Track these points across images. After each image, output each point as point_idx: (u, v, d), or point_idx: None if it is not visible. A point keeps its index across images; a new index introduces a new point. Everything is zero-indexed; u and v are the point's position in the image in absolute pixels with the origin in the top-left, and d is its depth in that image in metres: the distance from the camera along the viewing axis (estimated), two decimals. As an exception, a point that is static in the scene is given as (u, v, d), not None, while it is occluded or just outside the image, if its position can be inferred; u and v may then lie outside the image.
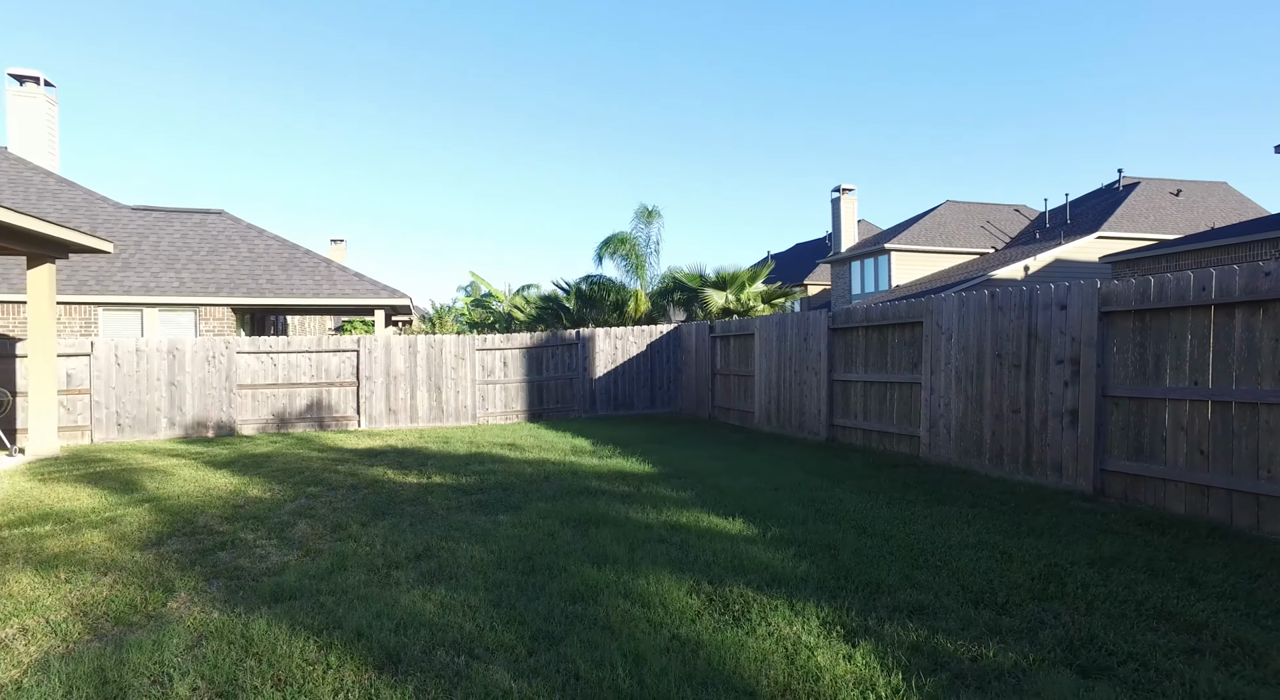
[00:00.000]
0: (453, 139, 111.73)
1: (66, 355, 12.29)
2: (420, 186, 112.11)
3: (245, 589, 4.26)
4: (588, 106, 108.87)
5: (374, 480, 7.89)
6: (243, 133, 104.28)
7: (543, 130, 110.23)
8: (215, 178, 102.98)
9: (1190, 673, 2.87)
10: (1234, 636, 3.20)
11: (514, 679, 2.92)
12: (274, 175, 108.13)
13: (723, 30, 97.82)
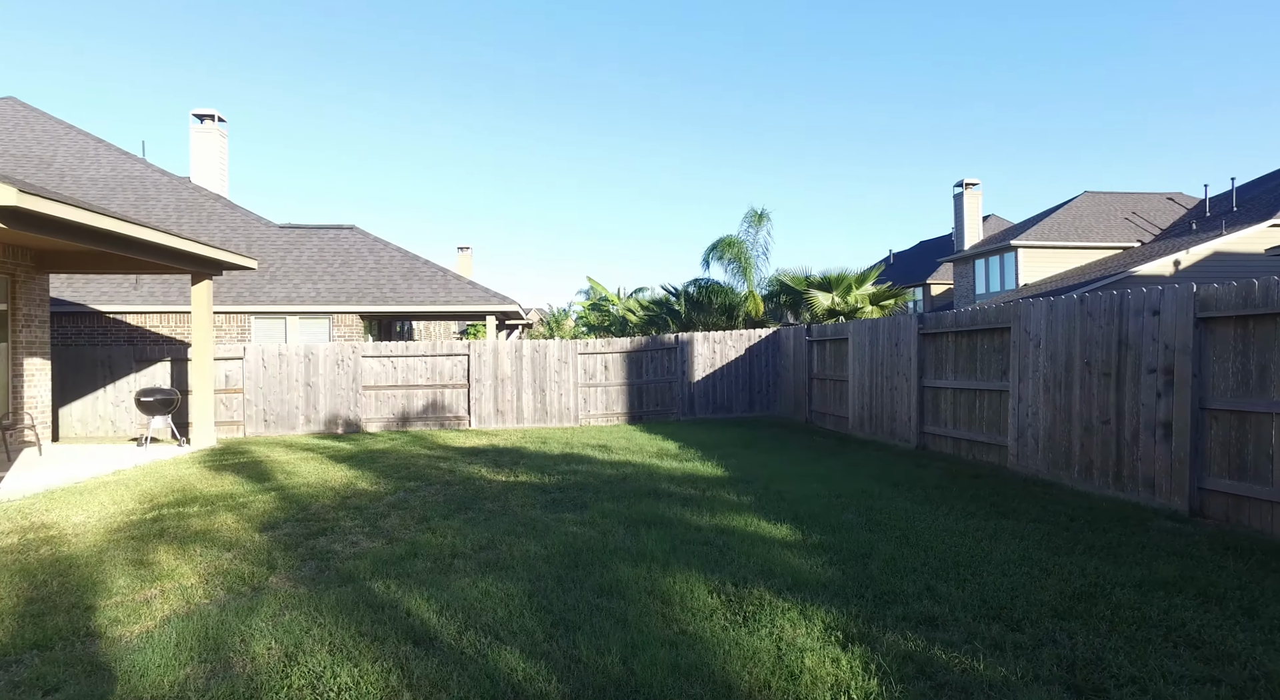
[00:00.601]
0: (572, 143, 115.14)
1: (223, 359, 13.97)
2: (542, 192, 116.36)
3: (330, 570, 4.87)
4: (703, 106, 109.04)
5: (467, 477, 8.55)
6: (381, 146, 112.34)
7: (659, 131, 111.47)
8: (357, 189, 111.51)
9: (1178, 693, 2.80)
10: (1265, 670, 3.05)
11: (523, 659, 3.28)
12: (409, 186, 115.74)
13: (843, 25, 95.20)
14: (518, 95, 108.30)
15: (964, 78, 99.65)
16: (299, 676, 3.20)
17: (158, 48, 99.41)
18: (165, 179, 20.83)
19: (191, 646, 3.58)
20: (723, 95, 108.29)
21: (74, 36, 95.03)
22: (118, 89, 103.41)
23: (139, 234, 9.35)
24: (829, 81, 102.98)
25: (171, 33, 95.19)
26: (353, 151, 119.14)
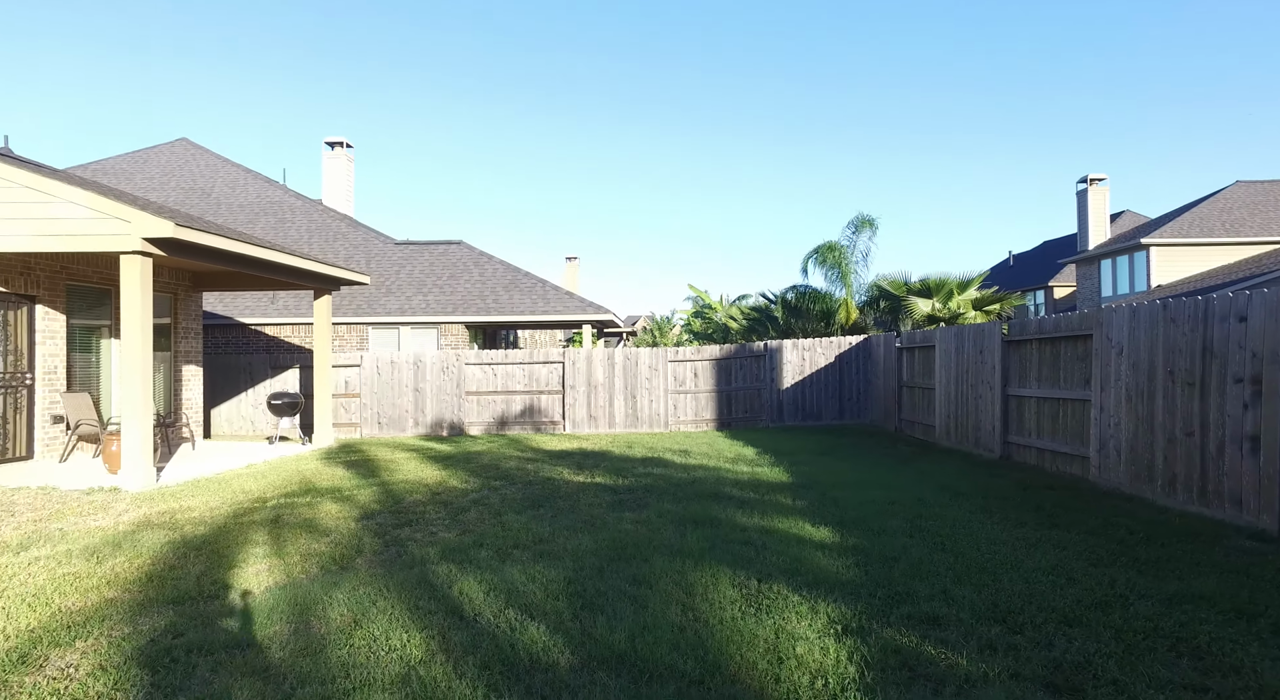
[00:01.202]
0: (675, 146, 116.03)
1: (342, 366, 15.37)
2: (649, 200, 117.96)
3: (406, 555, 5.51)
4: (807, 105, 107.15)
5: (548, 478, 9.14)
6: (496, 161, 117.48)
7: (763, 132, 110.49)
8: (473, 203, 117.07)
9: (1158, 698, 2.86)
10: (1262, 683, 3.03)
11: (545, 633, 3.71)
12: (522, 198, 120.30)
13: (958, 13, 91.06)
14: (622, 104, 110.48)
15: (1097, 67, 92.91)
16: (360, 638, 3.77)
17: (298, 83, 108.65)
18: (300, 203, 22.97)
19: (283, 610, 4.25)
20: (827, 93, 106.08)
21: (232, 78, 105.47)
22: (266, 121, 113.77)
23: (268, 256, 10.60)
24: (949, 73, 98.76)
25: (309, 68, 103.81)
26: (470, 166, 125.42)
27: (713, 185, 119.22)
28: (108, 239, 8.55)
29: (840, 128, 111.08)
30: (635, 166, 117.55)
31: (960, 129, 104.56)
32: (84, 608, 4.39)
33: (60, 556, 5.59)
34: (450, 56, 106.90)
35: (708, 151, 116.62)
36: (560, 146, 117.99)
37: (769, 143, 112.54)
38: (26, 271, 10.24)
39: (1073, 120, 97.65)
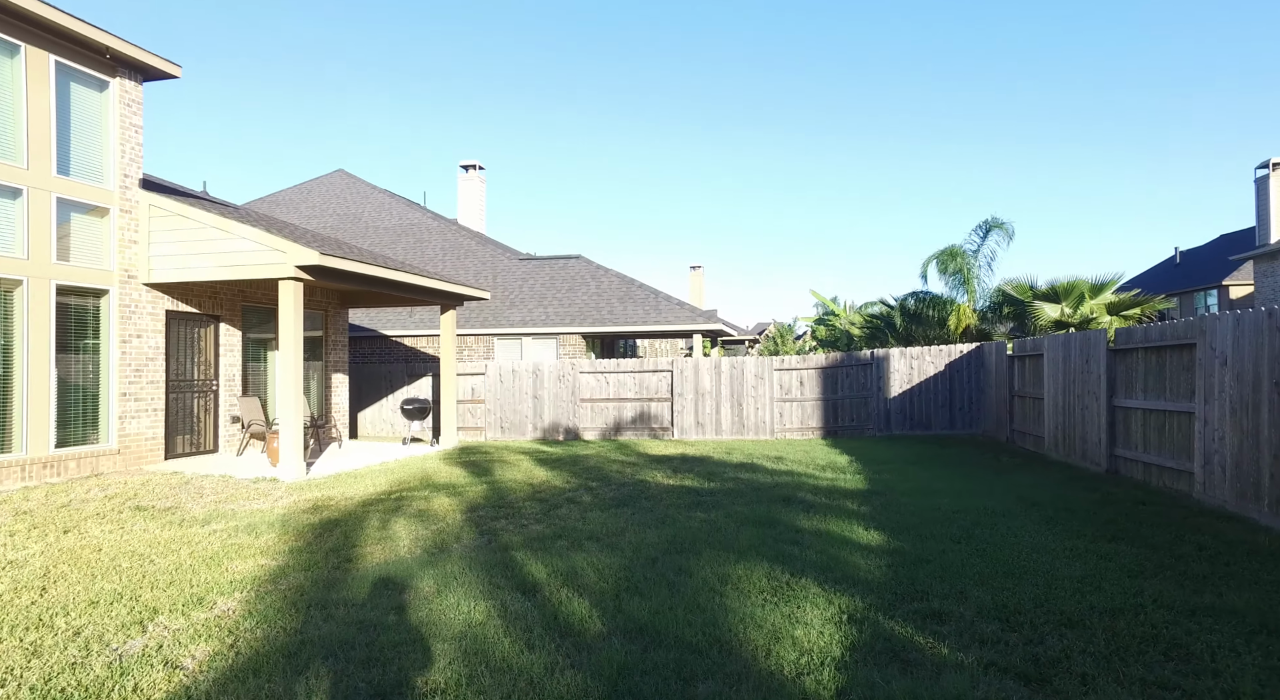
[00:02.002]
0: (803, 152, 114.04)
1: (468, 374, 16.79)
2: (774, 208, 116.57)
3: (495, 542, 6.31)
4: (945, 105, 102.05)
5: (641, 480, 9.78)
6: (625, 174, 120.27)
7: (889, 133, 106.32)
8: (601, 215, 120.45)
9: (1117, 692, 3.05)
10: (1234, 687, 3.14)
11: (585, 608, 4.32)
12: (649, 209, 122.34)
13: None
14: (751, 112, 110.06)
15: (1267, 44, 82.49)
16: (437, 603, 4.55)
17: (440, 111, 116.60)
18: (436, 223, 25.06)
19: (385, 582, 5.13)
20: (964, 91, 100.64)
21: (385, 111, 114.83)
22: (412, 148, 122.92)
23: (398, 277, 11.98)
24: (1093, 67, 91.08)
25: (449, 97, 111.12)
26: (599, 180, 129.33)
27: (841, 190, 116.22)
28: (270, 267, 10.09)
29: (978, 128, 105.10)
30: (762, 173, 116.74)
31: (1111, 123, 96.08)
32: (243, 569, 5.48)
33: (231, 530, 6.85)
34: (576, 75, 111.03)
35: (837, 155, 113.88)
36: (687, 157, 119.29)
37: (903, 145, 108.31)
38: (213, 295, 12.16)
39: (1246, 100, 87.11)
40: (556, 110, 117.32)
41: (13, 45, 9.20)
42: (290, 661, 3.70)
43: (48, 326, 9.54)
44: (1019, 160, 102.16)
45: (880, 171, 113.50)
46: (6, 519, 7.29)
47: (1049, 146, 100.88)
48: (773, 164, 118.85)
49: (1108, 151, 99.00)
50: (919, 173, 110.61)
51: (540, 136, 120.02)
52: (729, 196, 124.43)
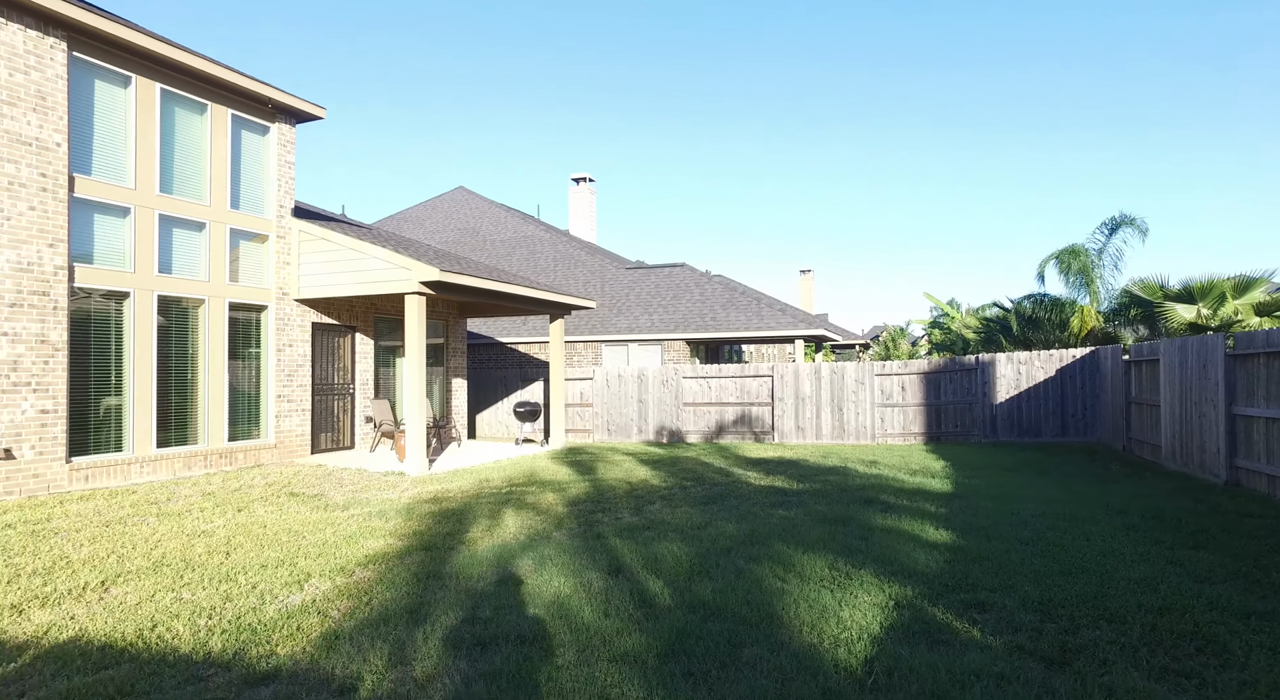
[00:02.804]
0: (913, 148, 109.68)
1: (576, 379, 17.75)
2: (888, 210, 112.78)
3: (590, 532, 6.99)
4: (1059, 90, 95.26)
5: (734, 480, 10.25)
6: (735, 179, 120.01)
7: (1010, 128, 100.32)
8: (710, 218, 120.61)
9: (1134, 676, 3.30)
10: (1256, 679, 3.30)
11: (659, 586, 4.90)
12: (760, 214, 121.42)
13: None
14: (857, 107, 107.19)
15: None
16: (534, 579, 5.26)
17: (554, 125, 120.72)
18: (548, 235, 26.40)
19: (490, 560, 5.91)
20: (1076, 74, 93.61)
21: (503, 129, 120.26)
22: (527, 162, 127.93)
23: (510, 289, 13.02)
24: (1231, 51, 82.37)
25: (562, 110, 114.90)
26: (709, 185, 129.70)
27: (957, 191, 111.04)
28: (398, 283, 11.32)
29: (1105, 120, 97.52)
30: (874, 175, 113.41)
31: (1252, 105, 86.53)
32: (375, 546, 6.43)
33: (365, 515, 7.91)
34: (684, 82, 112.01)
35: (952, 154, 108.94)
36: (799, 159, 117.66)
37: (1021, 138, 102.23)
38: (350, 308, 13.66)
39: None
40: (667, 118, 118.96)
41: (201, 105, 10.87)
42: (411, 616, 4.49)
43: (223, 338, 11.15)
44: (1149, 148, 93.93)
45: (1000, 166, 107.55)
46: (196, 498, 8.71)
47: (1183, 131, 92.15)
48: (886, 163, 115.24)
49: (1252, 136, 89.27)
50: (1041, 168, 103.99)
51: (650, 144, 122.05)
52: (842, 198, 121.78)
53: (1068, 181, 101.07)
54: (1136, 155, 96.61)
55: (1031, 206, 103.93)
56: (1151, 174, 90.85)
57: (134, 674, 3.68)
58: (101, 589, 5.20)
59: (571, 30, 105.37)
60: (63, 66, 8.93)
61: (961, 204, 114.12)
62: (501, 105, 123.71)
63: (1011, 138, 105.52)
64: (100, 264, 9.63)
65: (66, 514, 7.68)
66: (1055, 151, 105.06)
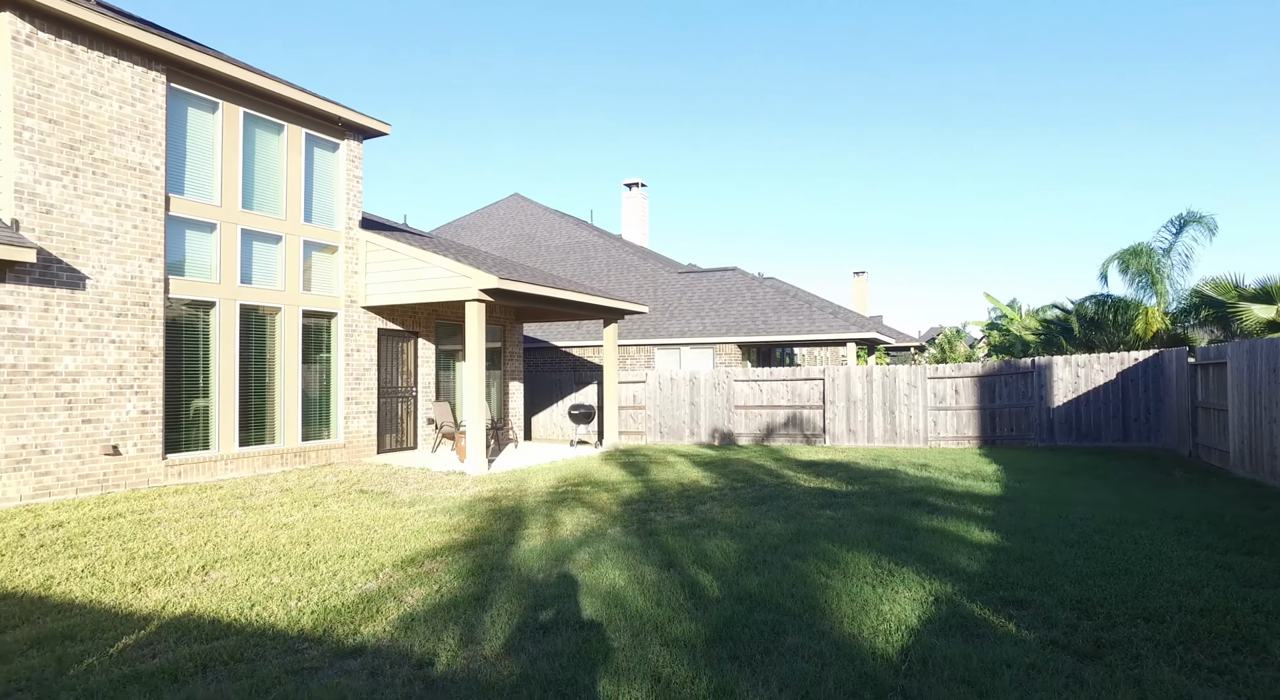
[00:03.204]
0: (969, 146, 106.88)
1: (629, 382, 18.12)
2: (942, 210, 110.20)
3: (642, 529, 7.31)
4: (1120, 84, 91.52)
5: (783, 482, 10.44)
6: (786, 181, 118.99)
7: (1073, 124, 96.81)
8: (763, 220, 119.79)
9: (1164, 670, 3.44)
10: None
11: (709, 579, 5.18)
12: (810, 216, 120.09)
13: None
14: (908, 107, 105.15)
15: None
16: (590, 570, 5.60)
17: (606, 131, 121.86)
18: (601, 240, 26.88)
19: (549, 554, 6.28)
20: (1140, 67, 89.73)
21: (555, 137, 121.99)
22: (581, 167, 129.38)
23: (565, 295, 13.46)
24: None
25: (614, 116, 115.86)
26: (762, 187, 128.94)
27: (1017, 186, 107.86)
28: (458, 290, 11.86)
29: (1167, 117, 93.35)
30: (929, 173, 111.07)
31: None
32: (439, 540, 6.88)
33: (430, 511, 8.39)
34: (735, 83, 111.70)
35: (1013, 152, 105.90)
36: (851, 160, 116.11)
37: (1083, 133, 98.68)
38: (413, 315, 14.31)
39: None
40: (720, 121, 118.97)
41: (279, 126, 11.62)
42: (477, 602, 4.88)
43: (296, 344, 11.87)
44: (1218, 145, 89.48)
45: (1061, 163, 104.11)
46: (275, 494, 9.35)
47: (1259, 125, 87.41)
48: (941, 162, 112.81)
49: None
50: (1103, 164, 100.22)
51: (704, 147, 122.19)
52: (899, 199, 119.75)
53: (1134, 179, 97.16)
54: (1206, 153, 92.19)
55: (1095, 205, 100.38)
56: (1223, 172, 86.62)
57: (241, 644, 4.15)
58: (203, 573, 5.76)
59: (622, 38, 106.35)
60: (162, 97, 9.71)
61: (1022, 203, 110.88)
62: (555, 113, 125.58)
63: (1076, 134, 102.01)
64: (190, 276, 10.40)
65: (165, 506, 8.37)
66: (1122, 148, 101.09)
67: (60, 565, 5.86)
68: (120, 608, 4.85)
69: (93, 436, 8.95)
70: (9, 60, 8.27)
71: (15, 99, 8.29)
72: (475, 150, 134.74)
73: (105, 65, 9.10)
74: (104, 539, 6.76)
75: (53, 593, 5.17)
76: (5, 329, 8.14)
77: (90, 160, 8.97)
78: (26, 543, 6.54)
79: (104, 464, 9.08)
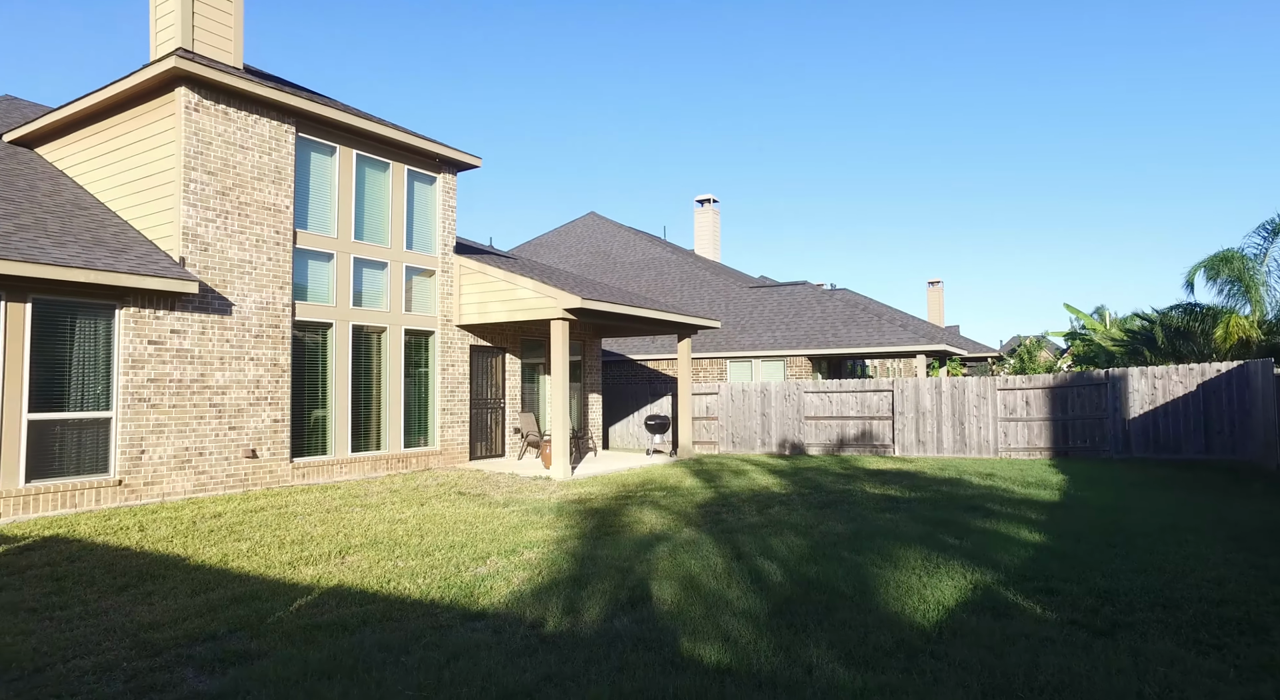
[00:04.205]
0: (1051, 153, 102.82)
1: (702, 393, 18.87)
2: (1021, 217, 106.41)
3: (714, 528, 8.06)
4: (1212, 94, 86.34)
5: (849, 489, 11.00)
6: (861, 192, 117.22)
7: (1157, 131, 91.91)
8: (841, 232, 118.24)
9: (1166, 643, 3.98)
10: (1275, 656, 3.90)
11: (773, 567, 5.90)
12: (885, 226, 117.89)
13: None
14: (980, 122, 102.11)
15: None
16: (668, 560, 6.40)
17: (681, 150, 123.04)
18: (674, 256, 27.77)
19: (631, 546, 7.11)
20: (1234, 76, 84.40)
21: (632, 157, 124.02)
22: (652, 184, 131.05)
23: (641, 313, 14.37)
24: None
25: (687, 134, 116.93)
26: (838, 197, 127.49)
27: (1101, 193, 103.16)
28: (544, 310, 12.91)
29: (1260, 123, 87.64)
30: (1009, 180, 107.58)
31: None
32: (535, 535, 7.82)
33: (522, 511, 9.37)
34: (809, 98, 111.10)
35: (1101, 156, 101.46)
36: (927, 168, 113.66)
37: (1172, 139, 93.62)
38: (501, 332, 15.49)
39: None
40: (793, 134, 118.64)
41: (385, 164, 13.00)
42: (573, 584, 5.75)
43: (399, 360, 13.16)
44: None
45: (1147, 168, 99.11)
46: (385, 495, 10.54)
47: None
48: (1020, 170, 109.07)
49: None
50: (1192, 165, 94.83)
51: (777, 160, 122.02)
52: (977, 207, 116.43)
53: (1226, 184, 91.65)
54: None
55: (1182, 213, 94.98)
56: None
57: (387, 608, 5.14)
58: (340, 556, 6.84)
59: (695, 60, 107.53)
60: (292, 145, 11.16)
61: (1108, 209, 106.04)
62: (632, 132, 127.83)
63: (1166, 139, 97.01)
64: (311, 300, 11.79)
65: (297, 502, 9.64)
66: (1212, 152, 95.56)
67: (229, 546, 7.07)
68: (285, 579, 5.95)
69: (236, 441, 10.35)
70: (182, 125, 9.81)
71: (185, 156, 9.81)
72: (553, 168, 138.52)
73: (250, 122, 10.58)
74: (256, 527, 8.00)
75: (230, 566, 6.33)
76: (175, 350, 9.60)
77: (236, 204, 10.44)
78: (199, 528, 7.82)
79: (244, 465, 10.46)
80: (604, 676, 3.77)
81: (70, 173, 11.44)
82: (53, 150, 11.80)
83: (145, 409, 9.35)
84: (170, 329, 9.62)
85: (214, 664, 4.10)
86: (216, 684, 3.83)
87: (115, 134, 10.78)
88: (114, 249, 9.33)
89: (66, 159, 11.52)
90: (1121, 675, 3.53)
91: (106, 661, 4.13)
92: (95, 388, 9.07)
